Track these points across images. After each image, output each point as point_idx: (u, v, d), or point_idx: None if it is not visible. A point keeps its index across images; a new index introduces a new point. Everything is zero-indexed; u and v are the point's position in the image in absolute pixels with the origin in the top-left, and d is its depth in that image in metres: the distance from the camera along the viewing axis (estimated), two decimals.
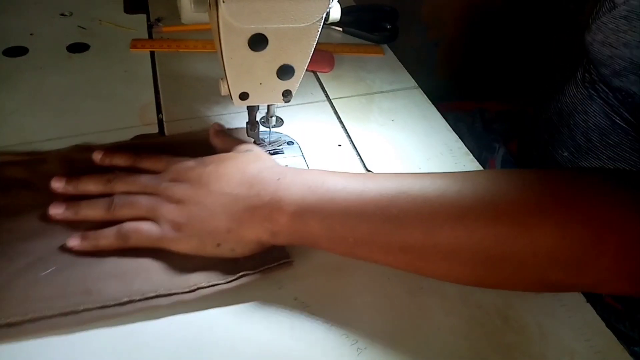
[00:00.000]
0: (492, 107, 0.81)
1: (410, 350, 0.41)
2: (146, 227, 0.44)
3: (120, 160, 0.51)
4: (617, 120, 0.53)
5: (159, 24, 0.78)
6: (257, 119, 0.54)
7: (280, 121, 0.62)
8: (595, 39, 0.54)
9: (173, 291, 0.41)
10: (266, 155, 0.50)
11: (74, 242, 0.43)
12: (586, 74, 0.57)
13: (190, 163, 0.48)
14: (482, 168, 0.59)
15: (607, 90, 0.53)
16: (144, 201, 0.45)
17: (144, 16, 0.80)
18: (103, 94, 0.63)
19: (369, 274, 0.46)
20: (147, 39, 0.75)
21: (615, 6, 0.52)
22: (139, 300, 0.40)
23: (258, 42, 0.43)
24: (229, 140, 0.54)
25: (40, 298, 0.39)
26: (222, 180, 0.44)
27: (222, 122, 0.61)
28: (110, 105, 0.61)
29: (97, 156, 0.51)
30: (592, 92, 0.55)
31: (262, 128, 0.56)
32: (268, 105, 0.53)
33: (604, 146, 0.54)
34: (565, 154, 0.59)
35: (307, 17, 0.42)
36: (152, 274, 0.42)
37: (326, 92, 0.69)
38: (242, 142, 0.53)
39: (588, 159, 0.56)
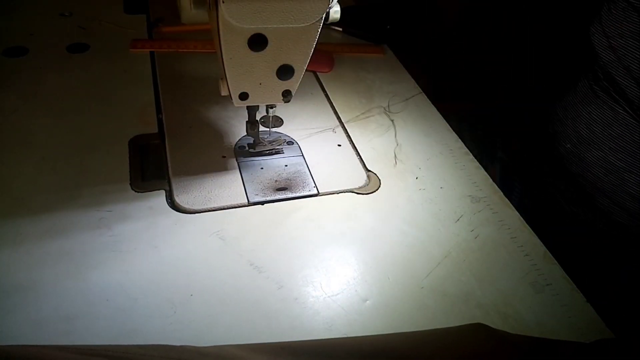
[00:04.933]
0: (492, 107, 0.81)
1: None
2: None
3: None
4: (620, 112, 0.53)
5: (159, 24, 0.78)
6: (257, 118, 0.54)
7: (280, 121, 0.62)
8: (595, 31, 0.55)
9: None
10: None
11: None
12: (589, 73, 0.58)
13: None
14: (481, 168, 0.59)
15: (608, 85, 0.54)
16: None
17: (144, 16, 0.80)
18: (103, 94, 0.63)
19: (368, 275, 0.46)
20: (147, 39, 0.75)
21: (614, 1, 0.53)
22: None
23: (258, 42, 0.43)
24: None
25: None
26: None
27: (222, 122, 0.61)
28: (109, 105, 0.61)
29: None
30: (596, 87, 0.56)
31: (261, 128, 0.56)
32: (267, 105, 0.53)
33: (606, 137, 0.55)
34: (568, 145, 0.59)
35: (307, 17, 0.41)
36: None
37: (326, 92, 0.69)
38: None
39: (590, 150, 0.56)
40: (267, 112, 0.54)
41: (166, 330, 0.40)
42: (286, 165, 0.56)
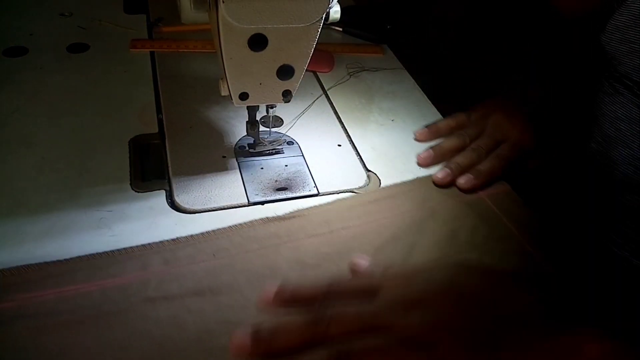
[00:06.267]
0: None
1: None
2: None
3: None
4: None
5: (159, 24, 0.78)
6: (257, 118, 0.54)
7: (280, 121, 0.62)
8: (613, 38, 0.54)
9: None
10: None
11: None
12: (606, 73, 0.57)
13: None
14: None
15: (631, 84, 0.53)
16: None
17: (144, 16, 0.80)
18: (103, 94, 0.63)
19: None
20: (147, 39, 0.75)
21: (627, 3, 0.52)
22: None
23: (258, 42, 0.43)
24: None
25: None
26: None
27: (222, 122, 0.61)
28: (110, 105, 0.61)
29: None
30: (618, 85, 0.55)
31: (261, 128, 0.56)
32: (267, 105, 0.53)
33: (633, 135, 0.54)
34: (593, 145, 0.59)
35: (307, 17, 0.42)
36: None
37: (326, 92, 0.69)
38: None
39: (617, 149, 0.56)
40: (267, 112, 0.54)
41: None
42: (286, 165, 0.56)
